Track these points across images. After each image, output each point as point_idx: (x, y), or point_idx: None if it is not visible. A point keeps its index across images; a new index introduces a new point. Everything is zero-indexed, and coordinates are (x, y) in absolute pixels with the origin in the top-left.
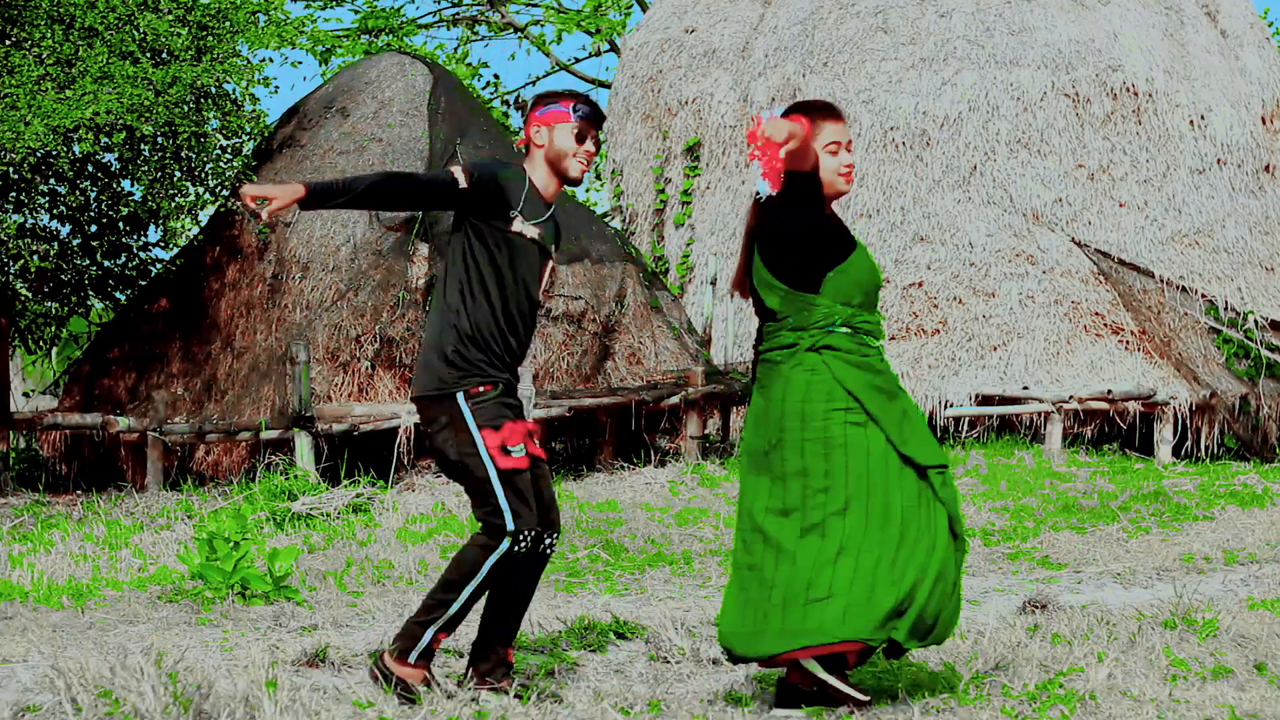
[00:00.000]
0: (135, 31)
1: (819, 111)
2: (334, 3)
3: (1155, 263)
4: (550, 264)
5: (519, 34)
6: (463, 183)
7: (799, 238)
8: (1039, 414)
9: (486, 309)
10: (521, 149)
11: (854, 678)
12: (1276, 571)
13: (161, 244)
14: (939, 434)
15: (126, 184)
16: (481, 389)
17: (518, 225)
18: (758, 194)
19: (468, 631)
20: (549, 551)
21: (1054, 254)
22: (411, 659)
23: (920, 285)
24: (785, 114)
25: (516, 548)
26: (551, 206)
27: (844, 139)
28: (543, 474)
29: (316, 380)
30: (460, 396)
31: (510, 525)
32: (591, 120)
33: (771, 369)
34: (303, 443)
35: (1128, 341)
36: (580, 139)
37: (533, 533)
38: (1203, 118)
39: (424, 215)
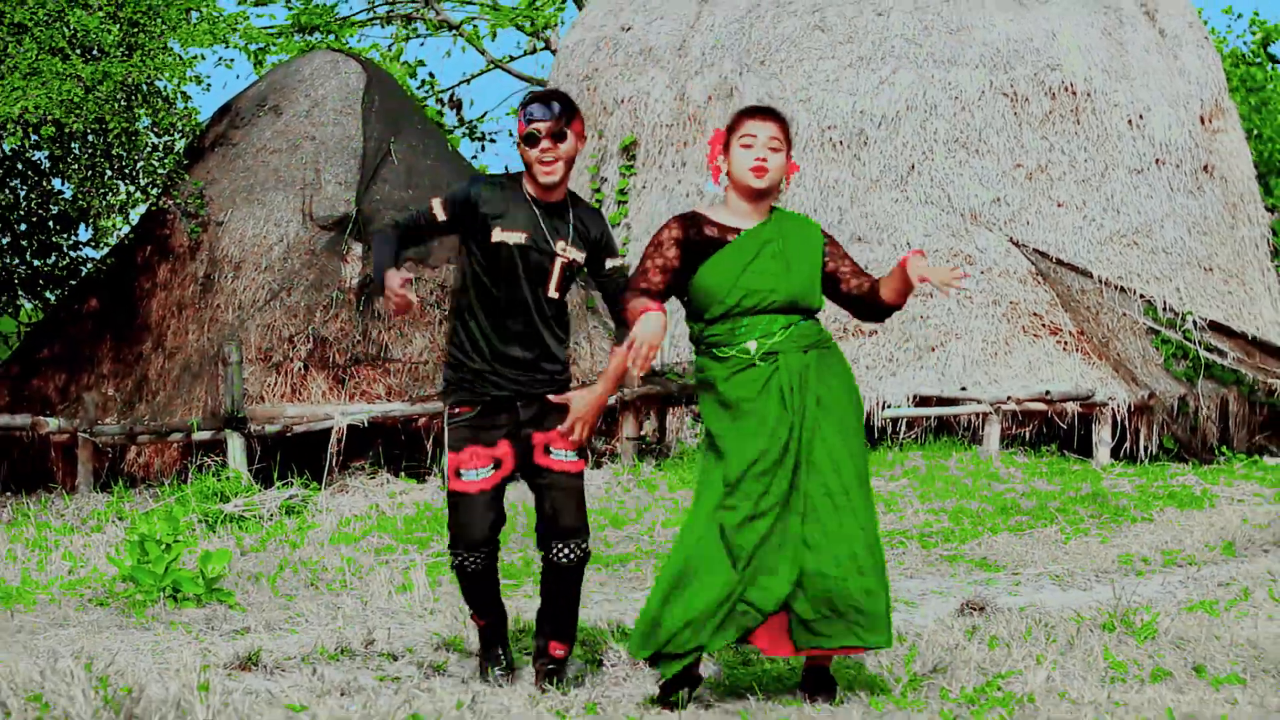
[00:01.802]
0: (65, 28)
1: (743, 111)
2: None
3: (1093, 263)
4: (561, 262)
5: (454, 31)
6: (441, 215)
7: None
8: (977, 415)
9: (476, 325)
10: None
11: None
12: (1215, 573)
13: (92, 243)
14: (875, 435)
15: (56, 182)
16: (458, 411)
17: (497, 235)
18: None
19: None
20: (555, 558)
21: (992, 254)
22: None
23: None
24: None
25: (454, 564)
26: (554, 207)
27: (763, 134)
28: (547, 483)
29: (249, 381)
30: (447, 414)
31: (449, 544)
32: (540, 118)
33: None
34: (235, 444)
35: (1066, 342)
36: (532, 142)
37: (457, 556)
38: (1141, 117)
39: (357, 214)
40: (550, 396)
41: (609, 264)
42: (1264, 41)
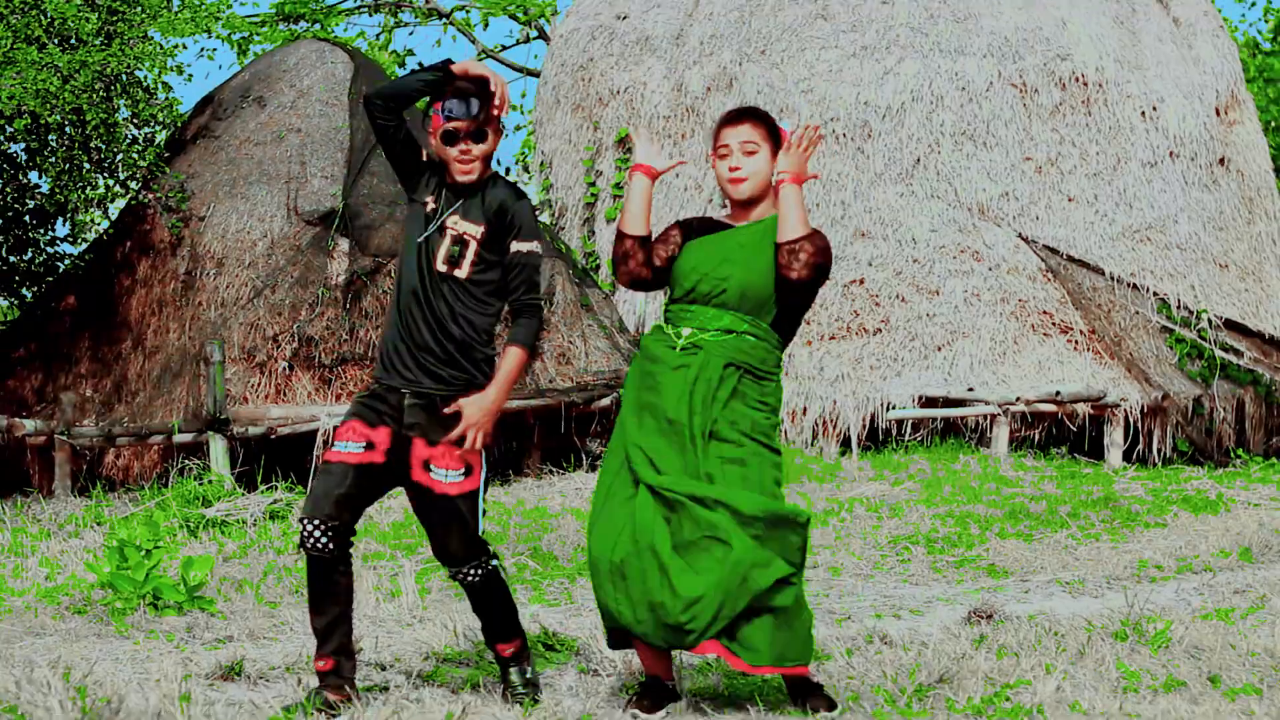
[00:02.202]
0: (42, 15)
1: (720, 118)
2: None
3: (1105, 259)
4: (451, 234)
5: (444, 20)
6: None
7: None
8: (985, 416)
9: (392, 300)
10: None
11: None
12: (1230, 580)
13: (70, 238)
14: (880, 438)
15: (33, 175)
16: (368, 386)
17: (416, 194)
18: None
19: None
20: (458, 579)
21: (1000, 250)
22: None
23: (861, 282)
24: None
25: (298, 536)
26: (476, 190)
27: (735, 140)
28: (425, 505)
29: (232, 381)
30: None
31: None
32: (459, 116)
33: None
34: (217, 446)
35: (1077, 341)
36: (450, 140)
37: (304, 522)
38: (1155, 109)
39: (344, 209)
40: (448, 402)
41: (514, 246)
42: (1277, 28)
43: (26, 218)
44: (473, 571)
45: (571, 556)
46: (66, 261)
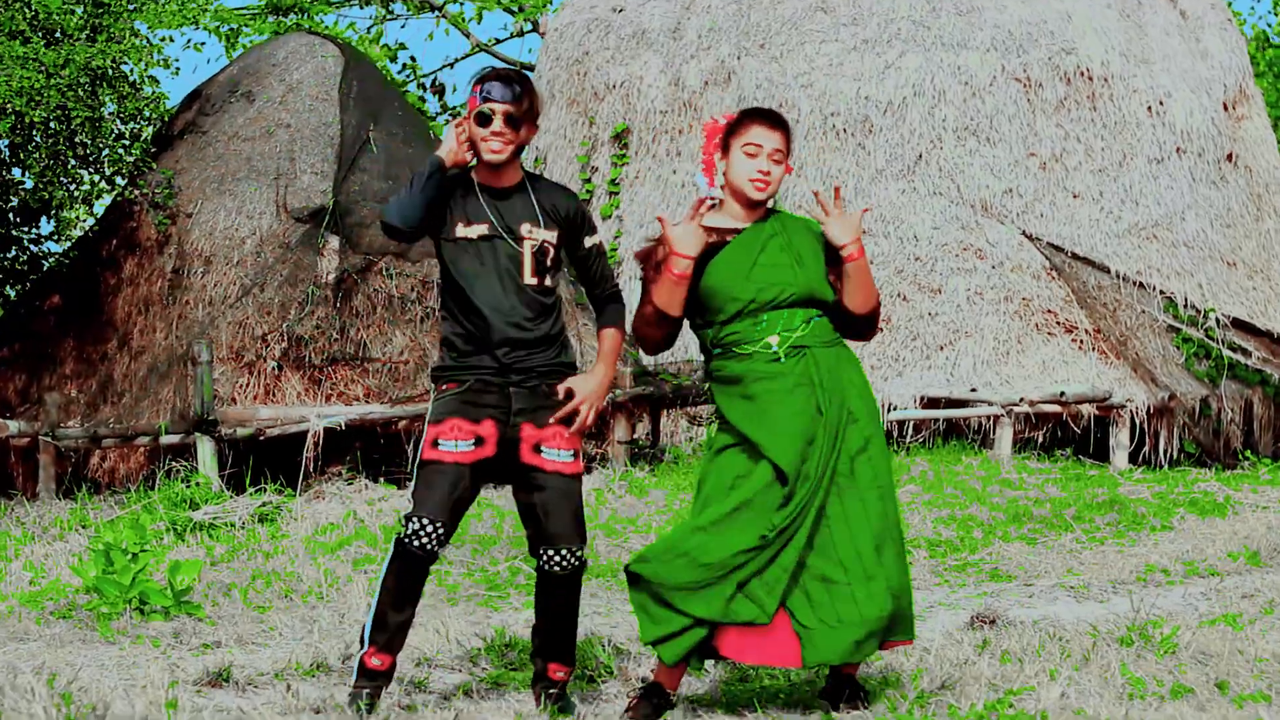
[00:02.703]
0: (26, 9)
1: (750, 113)
2: None
3: (1111, 257)
4: (531, 245)
5: (437, 13)
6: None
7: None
8: (988, 417)
9: (452, 316)
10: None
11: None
12: (1238, 584)
13: (54, 236)
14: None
15: (16, 172)
16: (445, 388)
17: (459, 231)
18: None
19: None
20: (546, 566)
21: (1004, 248)
22: (356, 660)
23: None
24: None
25: (402, 534)
26: (510, 191)
27: (768, 144)
28: (535, 484)
29: (219, 381)
30: (433, 395)
31: (406, 511)
32: (498, 99)
33: None
34: (205, 448)
35: (1082, 341)
36: (484, 122)
37: (411, 526)
38: (1161, 103)
39: (334, 205)
40: (553, 386)
41: (587, 242)
42: None
43: (10, 215)
44: (573, 556)
45: None
46: (51, 260)
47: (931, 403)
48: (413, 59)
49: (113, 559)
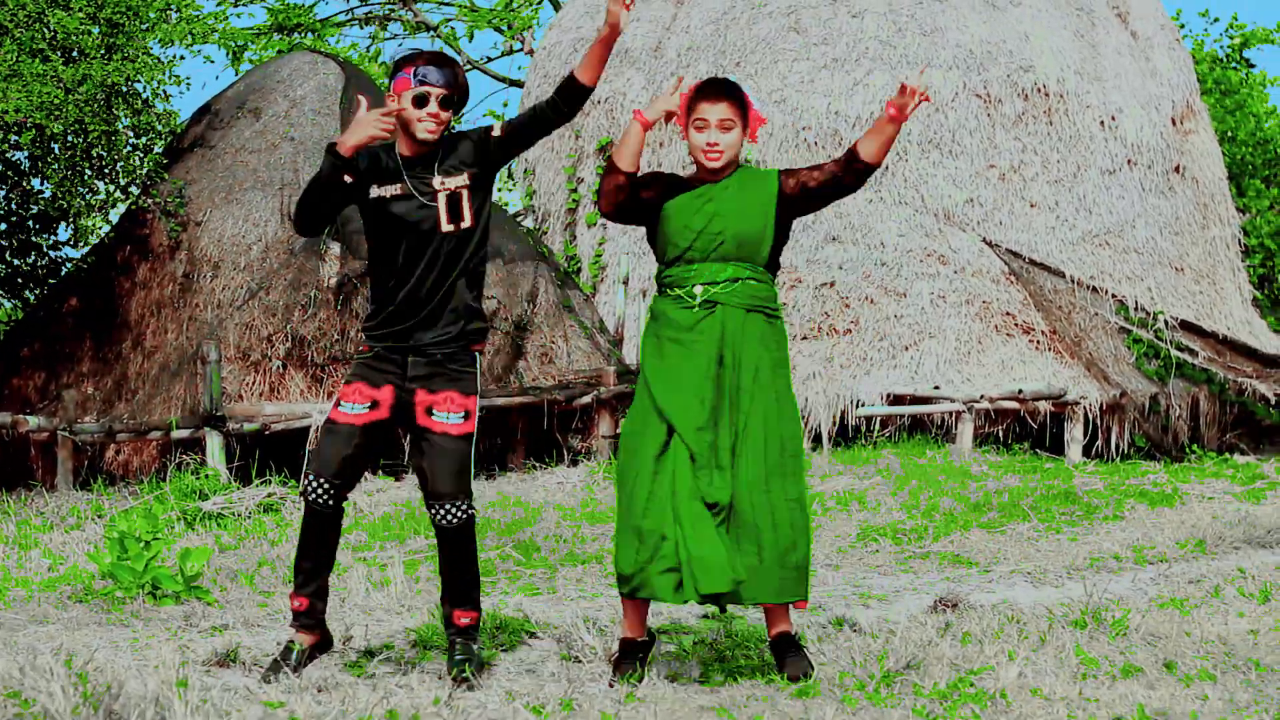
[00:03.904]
0: (45, 29)
1: (698, 89)
2: (247, 0)
3: (1066, 263)
4: (445, 195)
5: (431, 32)
6: (348, 179)
7: None
8: (950, 414)
9: (375, 276)
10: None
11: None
12: (1186, 570)
13: (72, 243)
14: (850, 434)
15: (36, 182)
16: (362, 350)
17: (374, 191)
18: None
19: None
20: (435, 520)
21: (965, 254)
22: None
23: (832, 285)
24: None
25: (302, 489)
26: (426, 155)
27: (713, 117)
28: (424, 445)
29: (227, 379)
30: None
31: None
32: (434, 82)
33: None
34: (214, 442)
35: (1039, 341)
36: (421, 103)
37: (307, 481)
38: (1113, 118)
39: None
40: (451, 355)
41: (495, 132)
42: (1241, 45)
43: (30, 223)
44: (457, 510)
45: (554, 548)
46: (69, 265)
47: (897, 400)
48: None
49: (127, 547)
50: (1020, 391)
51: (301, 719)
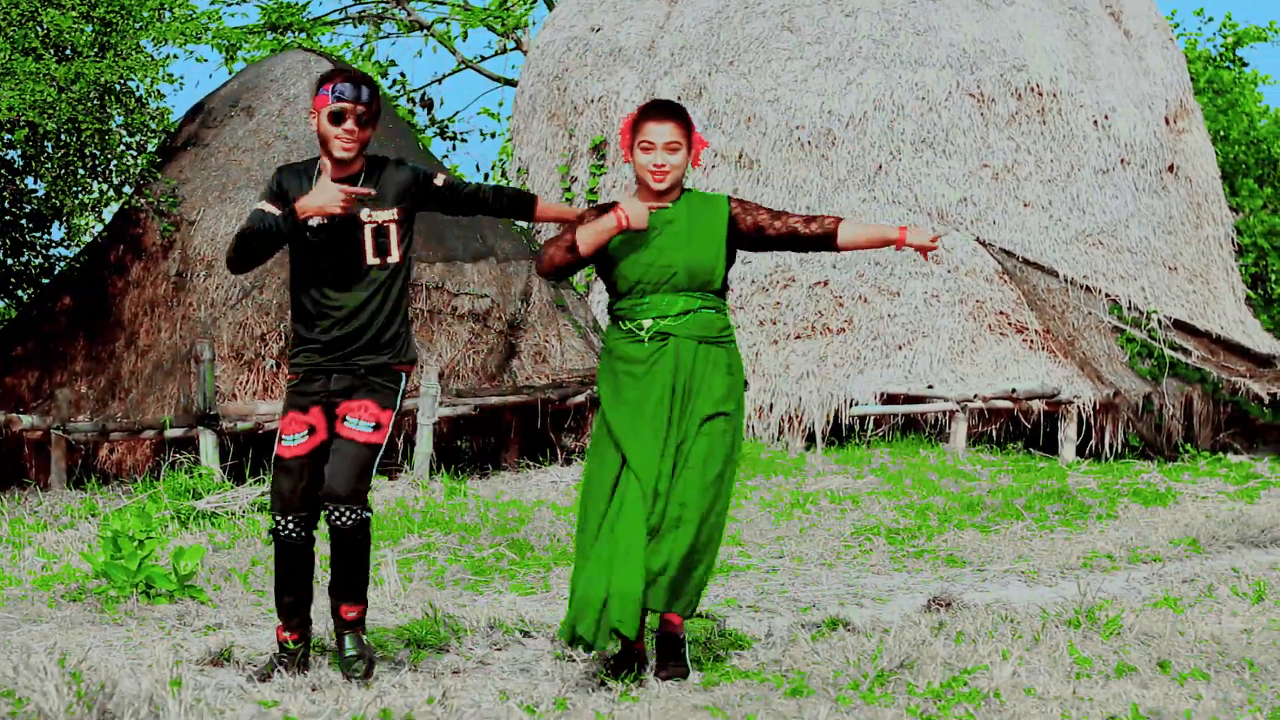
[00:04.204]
0: (38, 27)
1: (643, 111)
2: None
3: (1059, 262)
4: (370, 227)
5: (425, 31)
6: (274, 210)
7: None
8: (944, 413)
9: (295, 300)
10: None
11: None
12: (1179, 570)
13: (65, 242)
14: (844, 433)
15: (29, 181)
16: (290, 379)
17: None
18: None
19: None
20: (329, 520)
21: (959, 253)
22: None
23: (826, 284)
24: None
25: (272, 529)
26: (357, 176)
27: (659, 139)
28: (336, 449)
29: (221, 378)
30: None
31: (266, 504)
32: (350, 99)
33: None
34: (207, 441)
35: (1032, 341)
36: (337, 120)
37: (275, 520)
38: (1106, 118)
39: None
40: (374, 368)
41: (438, 181)
42: (1234, 44)
43: (23, 222)
44: (350, 514)
45: (548, 546)
46: (62, 264)
47: (891, 399)
48: (402, 75)
49: (120, 546)
50: (1014, 391)
51: (296, 718)
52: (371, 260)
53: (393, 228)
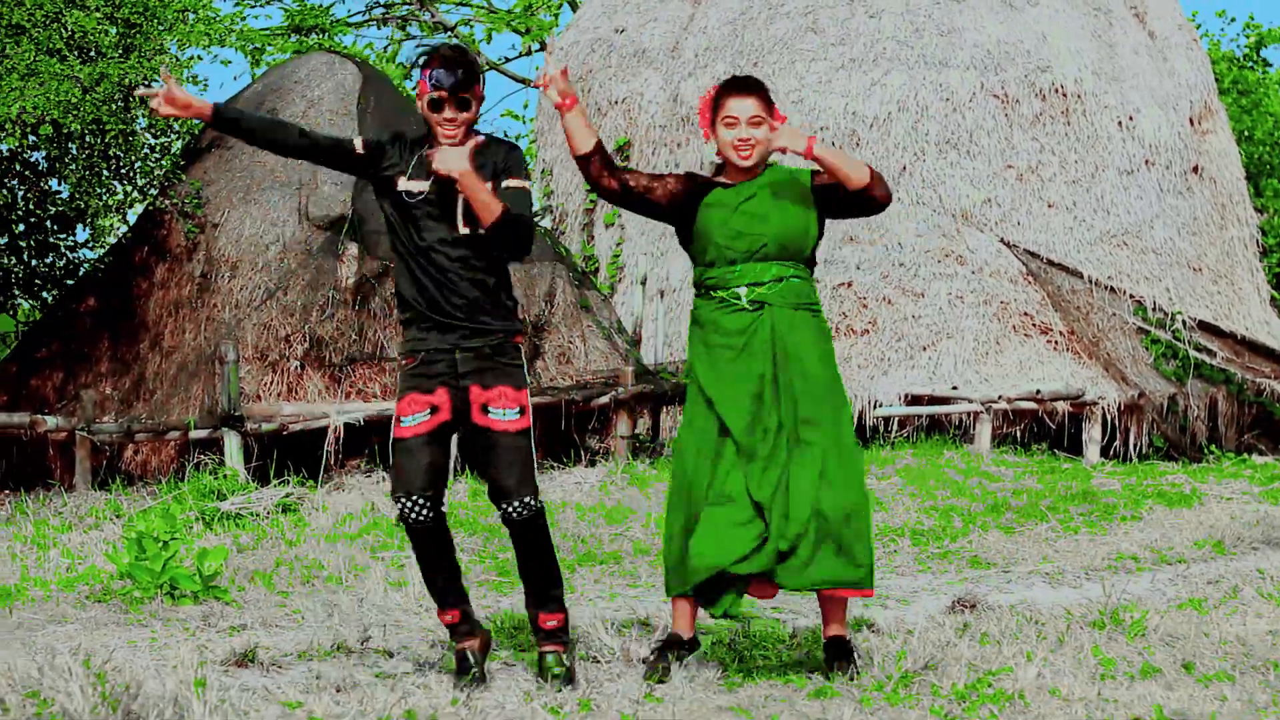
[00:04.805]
0: (63, 28)
1: (724, 87)
2: (265, 1)
3: (1084, 263)
4: (464, 197)
5: (449, 33)
6: (359, 149)
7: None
8: (968, 414)
9: (407, 277)
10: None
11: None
12: (1204, 571)
13: (89, 243)
14: (868, 434)
15: (54, 183)
16: (405, 362)
17: (401, 184)
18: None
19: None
20: (507, 516)
21: (983, 254)
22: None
23: (849, 285)
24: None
25: (396, 514)
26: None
27: (743, 114)
28: (486, 443)
29: (245, 379)
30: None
31: (387, 491)
32: (446, 85)
33: None
34: (231, 442)
35: (1056, 341)
36: (436, 107)
37: (399, 504)
38: (1131, 119)
39: (353, 214)
40: (497, 347)
41: (507, 183)
42: (1257, 45)
43: (48, 223)
44: (524, 506)
45: (572, 548)
46: (86, 265)
47: (915, 400)
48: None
49: (145, 546)
50: (1038, 392)
51: (320, 718)
52: (463, 230)
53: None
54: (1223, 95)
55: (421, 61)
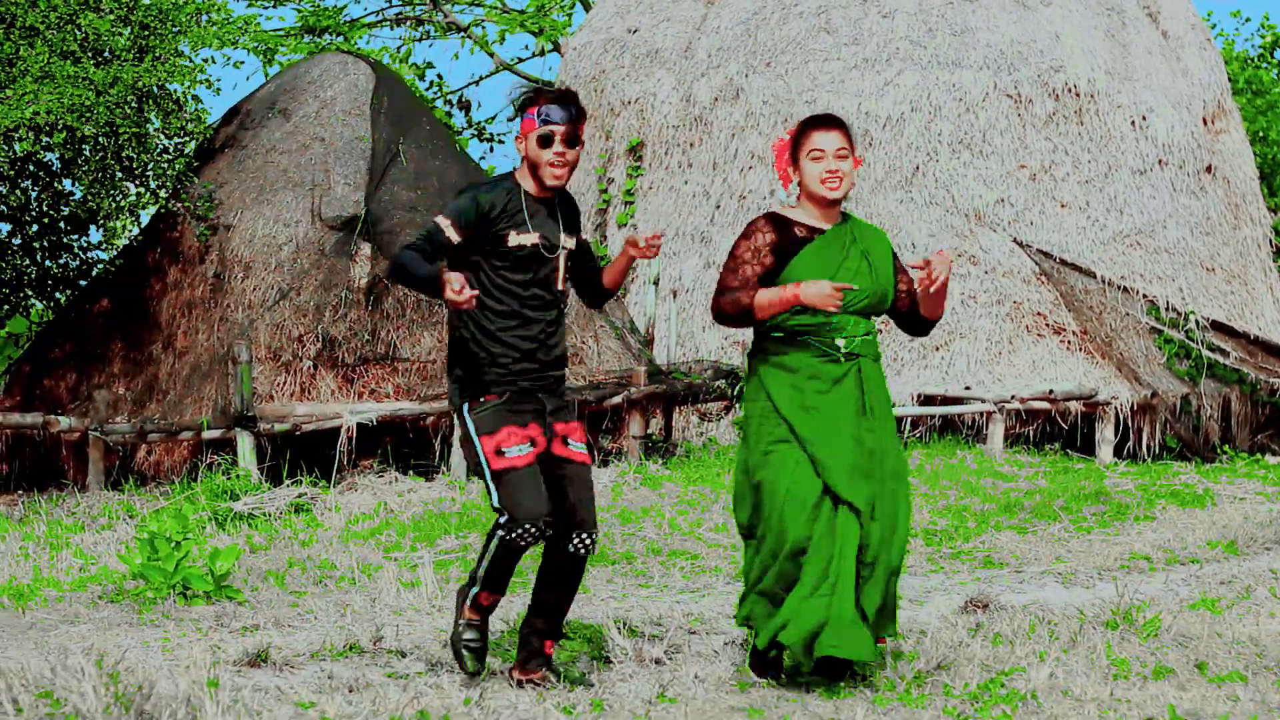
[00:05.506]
0: (77, 31)
1: (806, 123)
2: (277, 2)
3: (1097, 263)
4: (562, 253)
5: (462, 34)
6: (455, 237)
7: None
8: (981, 414)
9: (500, 327)
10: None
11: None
12: (1217, 571)
13: (102, 244)
14: None
15: (67, 184)
16: (483, 400)
17: (514, 239)
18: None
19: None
20: (574, 549)
21: (996, 254)
22: (464, 611)
23: None
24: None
25: (509, 537)
26: (553, 201)
27: (829, 146)
28: (567, 475)
29: (258, 380)
30: (465, 409)
31: (503, 519)
32: (558, 121)
33: None
34: (244, 442)
35: (1069, 341)
36: (545, 144)
37: (520, 527)
38: (1144, 118)
39: (366, 214)
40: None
41: (581, 238)
42: (1272, 45)
43: (61, 224)
44: (592, 542)
45: None
46: (99, 266)
47: (928, 400)
48: (440, 77)
49: (157, 547)
50: (1051, 392)
51: (333, 718)
52: (560, 287)
53: (572, 258)
54: (1237, 95)
55: (526, 100)
